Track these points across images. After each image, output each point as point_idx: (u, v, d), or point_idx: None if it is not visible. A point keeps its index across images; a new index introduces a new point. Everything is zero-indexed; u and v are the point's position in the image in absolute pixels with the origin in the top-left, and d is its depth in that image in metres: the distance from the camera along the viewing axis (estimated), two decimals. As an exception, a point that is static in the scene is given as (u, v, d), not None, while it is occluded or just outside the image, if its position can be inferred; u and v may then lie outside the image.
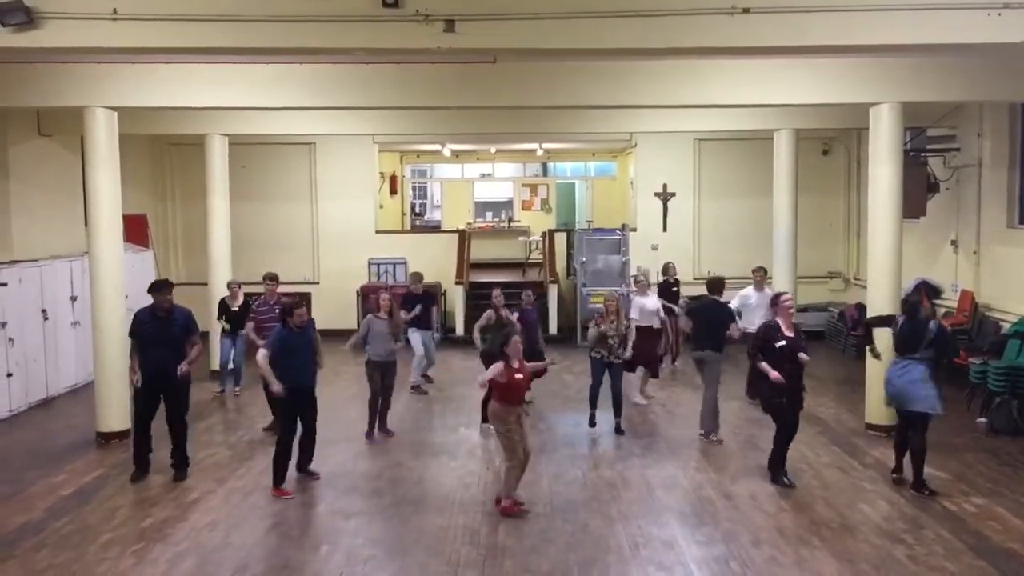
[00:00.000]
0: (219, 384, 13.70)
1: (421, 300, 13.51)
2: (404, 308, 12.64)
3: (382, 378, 11.18)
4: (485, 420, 11.08)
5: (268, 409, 11.13)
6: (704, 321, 10.97)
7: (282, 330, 9.09)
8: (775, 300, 9.48)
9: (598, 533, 7.86)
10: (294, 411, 9.16)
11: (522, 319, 11.89)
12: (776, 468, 9.19)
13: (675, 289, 14.98)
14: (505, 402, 8.38)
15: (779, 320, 9.15)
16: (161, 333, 9.31)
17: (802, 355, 8.93)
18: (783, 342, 8.92)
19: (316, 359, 9.35)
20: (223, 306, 13.46)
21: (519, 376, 8.44)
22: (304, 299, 9.35)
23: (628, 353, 11.16)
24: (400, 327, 11.49)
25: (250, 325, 11.88)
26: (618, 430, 11.18)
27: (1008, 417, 10.81)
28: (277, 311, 10.22)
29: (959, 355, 9.86)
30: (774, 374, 8.83)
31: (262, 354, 9.04)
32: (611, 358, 11.03)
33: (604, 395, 11.20)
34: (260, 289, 12.34)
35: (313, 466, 9.57)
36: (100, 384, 11.07)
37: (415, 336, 13.47)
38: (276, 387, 8.91)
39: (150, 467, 9.60)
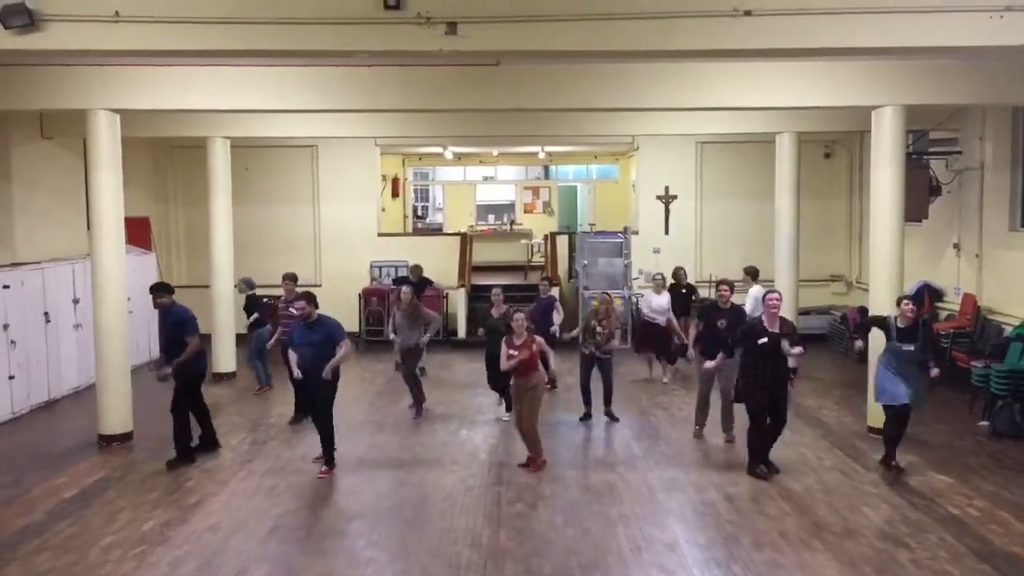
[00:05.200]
0: (258, 381, 13.84)
1: (413, 286, 14.05)
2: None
3: (404, 362, 12.41)
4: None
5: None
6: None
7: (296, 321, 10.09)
8: (764, 298, 9.65)
9: (599, 535, 7.85)
10: (305, 396, 10.06)
11: (534, 310, 12.31)
12: (752, 460, 9.53)
13: (684, 291, 14.97)
14: (514, 374, 9.66)
15: (763, 317, 9.37)
16: (161, 329, 10.11)
17: (797, 348, 9.27)
18: (764, 339, 9.13)
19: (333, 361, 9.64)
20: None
21: (513, 352, 9.53)
22: (309, 297, 9.66)
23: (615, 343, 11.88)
24: (423, 317, 12.31)
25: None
26: (610, 416, 11.81)
27: (1011, 420, 10.78)
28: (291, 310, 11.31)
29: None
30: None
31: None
32: (599, 353, 11.57)
33: (597, 393, 11.75)
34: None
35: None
36: (102, 387, 11.07)
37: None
38: (293, 372, 9.78)
39: (189, 454, 10.06)
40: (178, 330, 9.87)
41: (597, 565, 7.23)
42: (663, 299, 14.20)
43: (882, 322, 9.68)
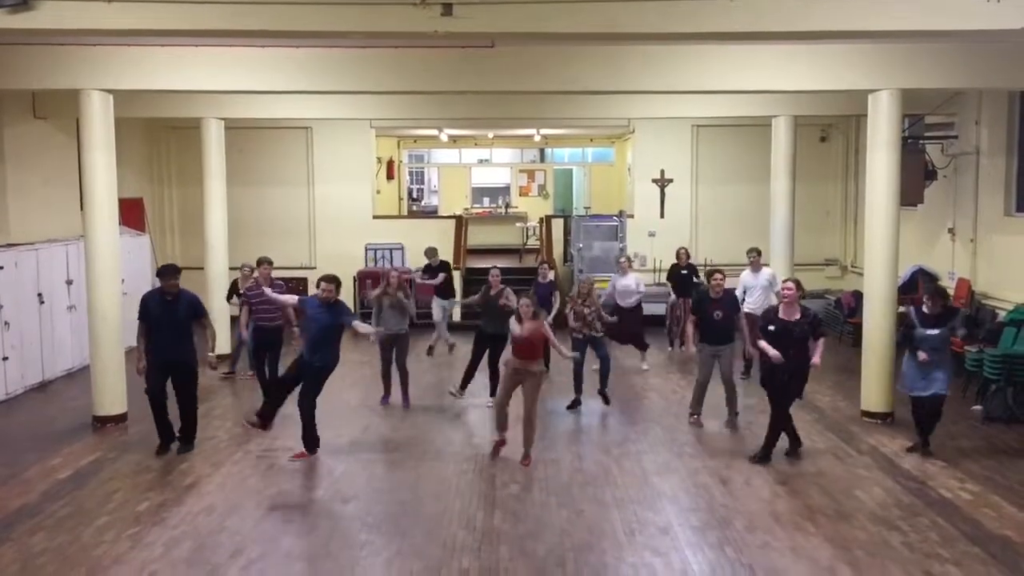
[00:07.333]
0: (228, 365, 13.62)
1: (435, 270, 14.75)
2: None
3: (393, 349, 11.80)
4: (463, 387, 11.87)
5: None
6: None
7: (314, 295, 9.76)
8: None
9: (593, 518, 7.88)
10: (296, 376, 9.47)
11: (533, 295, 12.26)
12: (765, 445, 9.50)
13: (684, 272, 14.89)
14: (512, 353, 9.54)
15: (780, 306, 9.44)
16: (169, 316, 9.55)
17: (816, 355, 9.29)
18: (772, 326, 9.23)
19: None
20: (234, 287, 13.70)
21: (518, 333, 9.38)
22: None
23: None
24: (402, 299, 11.91)
25: (245, 310, 12.11)
26: (603, 398, 11.68)
27: (1004, 405, 10.83)
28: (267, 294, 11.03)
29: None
30: (772, 352, 9.10)
31: (291, 298, 10.22)
32: (591, 333, 11.47)
33: (591, 381, 11.69)
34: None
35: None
36: (96, 368, 11.06)
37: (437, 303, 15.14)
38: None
39: (173, 439, 9.87)
40: (199, 311, 9.75)
41: (591, 547, 7.26)
42: (629, 280, 13.82)
43: (907, 318, 9.51)
